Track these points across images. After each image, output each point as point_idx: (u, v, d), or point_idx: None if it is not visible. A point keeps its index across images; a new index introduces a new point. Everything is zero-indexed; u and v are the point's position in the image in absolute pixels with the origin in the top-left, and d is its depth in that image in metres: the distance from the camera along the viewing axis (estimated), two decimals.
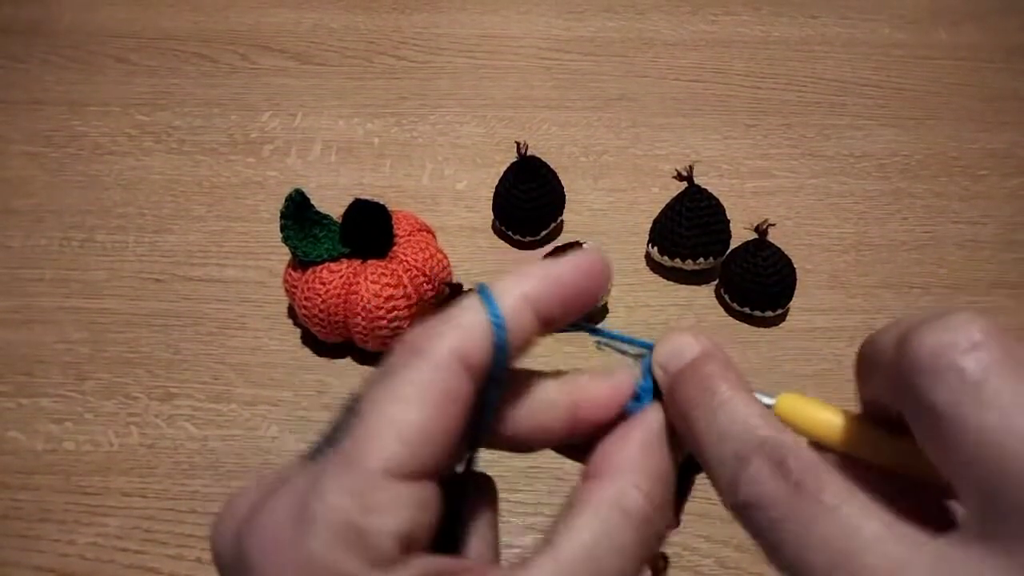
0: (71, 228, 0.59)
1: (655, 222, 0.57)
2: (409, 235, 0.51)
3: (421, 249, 0.50)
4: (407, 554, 0.17)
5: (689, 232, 0.55)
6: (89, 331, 0.53)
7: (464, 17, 0.81)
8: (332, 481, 0.17)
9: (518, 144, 0.56)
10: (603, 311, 0.54)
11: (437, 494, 0.18)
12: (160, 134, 0.67)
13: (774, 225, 0.53)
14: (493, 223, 0.60)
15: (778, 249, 0.53)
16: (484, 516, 0.21)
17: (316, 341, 0.52)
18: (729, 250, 0.56)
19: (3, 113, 0.69)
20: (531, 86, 0.73)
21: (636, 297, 0.56)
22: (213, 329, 0.53)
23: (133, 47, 0.76)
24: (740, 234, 0.55)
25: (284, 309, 0.54)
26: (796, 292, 0.54)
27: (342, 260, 0.49)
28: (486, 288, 0.19)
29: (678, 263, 0.56)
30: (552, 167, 0.58)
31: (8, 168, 0.64)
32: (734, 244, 0.56)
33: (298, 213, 0.48)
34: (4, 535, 0.43)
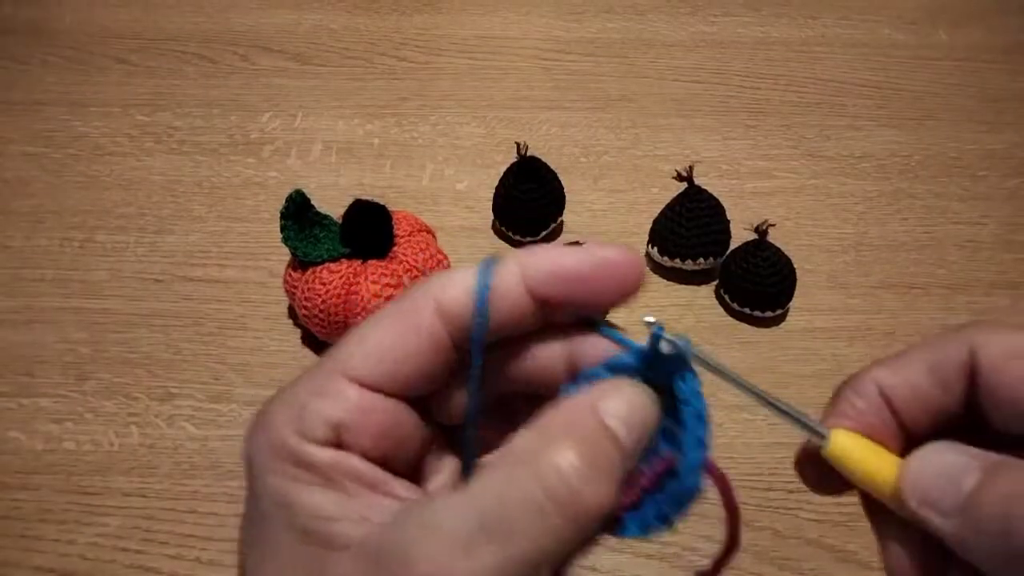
0: (71, 228, 0.59)
1: (655, 222, 0.57)
2: (409, 235, 0.51)
3: (421, 249, 0.50)
4: (342, 449, 0.19)
5: (689, 232, 0.55)
6: (89, 331, 0.53)
7: (464, 18, 0.81)
8: (305, 377, 0.20)
9: (518, 144, 0.56)
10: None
11: (407, 417, 0.21)
12: (160, 134, 0.67)
13: (774, 225, 0.53)
14: (493, 223, 0.60)
15: (778, 249, 0.53)
16: None
17: (316, 341, 0.52)
18: (729, 250, 0.56)
19: (3, 113, 0.69)
20: (531, 87, 0.74)
21: (636, 297, 0.56)
22: (213, 329, 0.53)
23: (133, 47, 0.76)
24: (740, 234, 0.55)
25: (284, 309, 0.54)
26: (796, 292, 0.54)
27: (342, 260, 0.49)
28: (493, 258, 0.20)
29: (678, 263, 0.56)
30: (552, 167, 0.58)
31: (8, 168, 0.64)
32: (734, 244, 0.56)
33: (298, 213, 0.49)
34: (4, 535, 0.43)
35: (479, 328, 0.20)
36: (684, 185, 0.55)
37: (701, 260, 0.55)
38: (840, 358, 0.53)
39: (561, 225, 0.61)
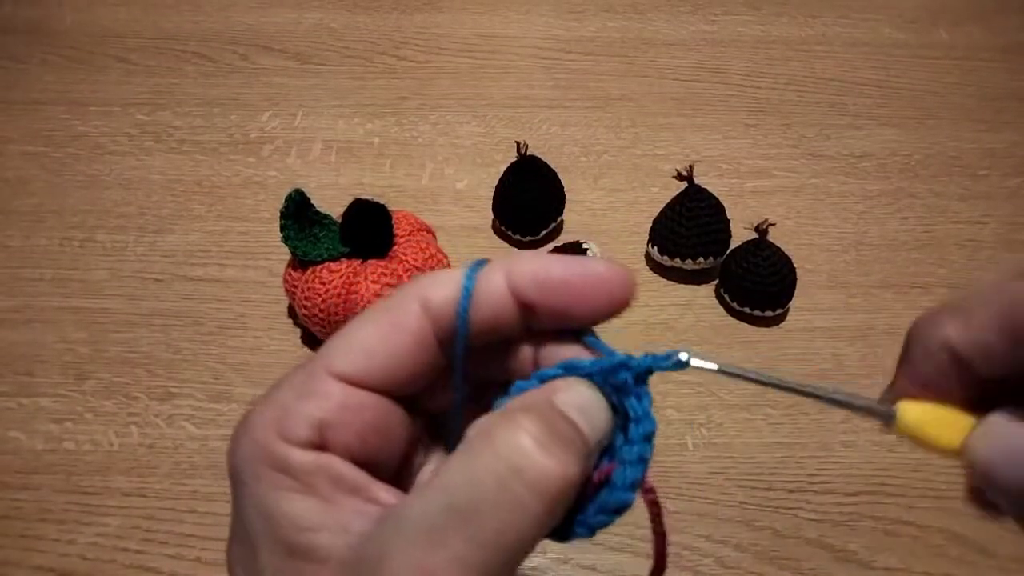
0: (71, 228, 0.59)
1: (655, 222, 0.57)
2: (409, 235, 0.51)
3: (421, 249, 0.50)
4: (324, 450, 0.19)
5: (689, 232, 0.55)
6: (89, 331, 0.53)
7: (464, 17, 0.81)
8: (289, 377, 0.20)
9: (518, 144, 0.56)
10: None
11: (393, 415, 0.20)
12: (160, 134, 0.67)
13: (774, 225, 0.53)
14: (493, 223, 0.60)
15: (778, 249, 0.53)
16: None
17: (316, 341, 0.52)
18: (729, 250, 0.56)
19: (3, 113, 0.69)
20: (531, 86, 0.74)
21: (636, 297, 0.56)
22: (213, 329, 0.53)
23: (133, 47, 0.76)
24: (740, 234, 0.55)
25: (284, 309, 0.54)
26: (796, 292, 0.54)
27: (342, 260, 0.49)
28: (482, 261, 0.21)
29: (678, 263, 0.56)
30: (552, 167, 0.58)
31: (8, 168, 0.64)
32: (734, 244, 0.56)
33: (298, 213, 0.48)
34: (4, 535, 0.43)
35: (463, 327, 0.20)
36: (684, 184, 0.55)
37: (701, 260, 0.55)
38: (840, 358, 0.53)
39: (561, 224, 0.60)
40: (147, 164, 0.65)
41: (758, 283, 0.53)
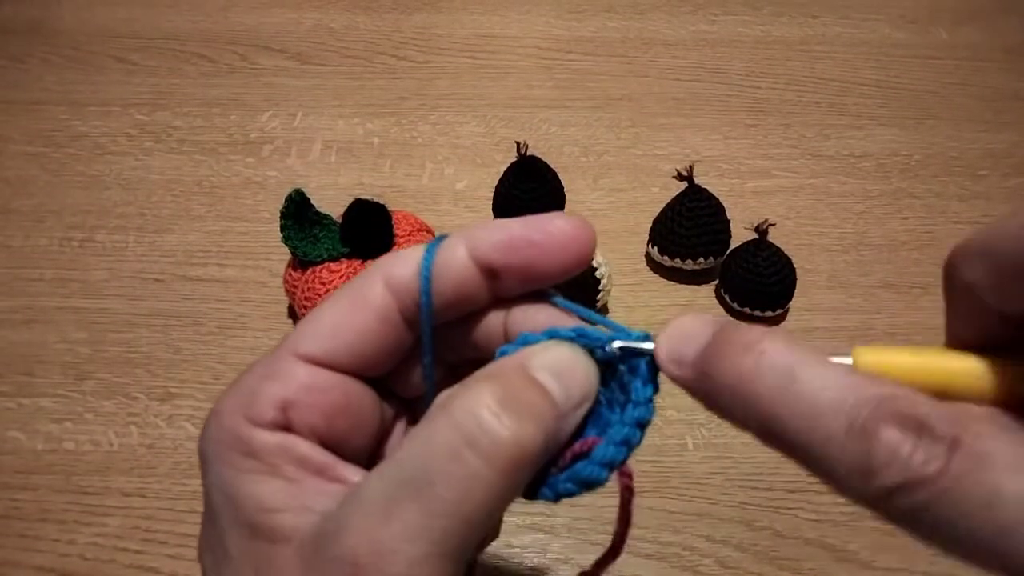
0: (71, 228, 0.59)
1: (655, 222, 0.57)
2: (409, 235, 0.51)
3: None
4: (289, 431, 0.19)
5: (689, 232, 0.55)
6: (89, 331, 0.53)
7: (464, 17, 0.81)
8: (257, 363, 0.20)
9: (518, 144, 0.56)
10: (603, 311, 0.54)
11: (363, 396, 0.21)
12: (160, 134, 0.67)
13: (774, 225, 0.53)
14: None
15: (778, 249, 0.53)
16: None
17: None
18: (729, 250, 0.56)
19: (3, 113, 0.69)
20: (531, 86, 0.73)
21: (636, 297, 0.56)
22: (213, 329, 0.53)
23: (133, 47, 0.76)
24: (740, 234, 0.55)
25: (284, 309, 0.54)
26: (796, 292, 0.54)
27: (342, 260, 0.49)
28: (443, 235, 0.21)
29: (678, 263, 0.56)
30: (552, 167, 0.58)
31: (8, 168, 0.64)
32: (734, 244, 0.56)
33: (298, 213, 0.48)
34: (4, 535, 0.43)
35: (426, 300, 0.20)
36: (684, 184, 0.55)
37: (701, 260, 0.55)
38: None
39: None
40: (147, 164, 0.65)
41: (758, 283, 0.53)
